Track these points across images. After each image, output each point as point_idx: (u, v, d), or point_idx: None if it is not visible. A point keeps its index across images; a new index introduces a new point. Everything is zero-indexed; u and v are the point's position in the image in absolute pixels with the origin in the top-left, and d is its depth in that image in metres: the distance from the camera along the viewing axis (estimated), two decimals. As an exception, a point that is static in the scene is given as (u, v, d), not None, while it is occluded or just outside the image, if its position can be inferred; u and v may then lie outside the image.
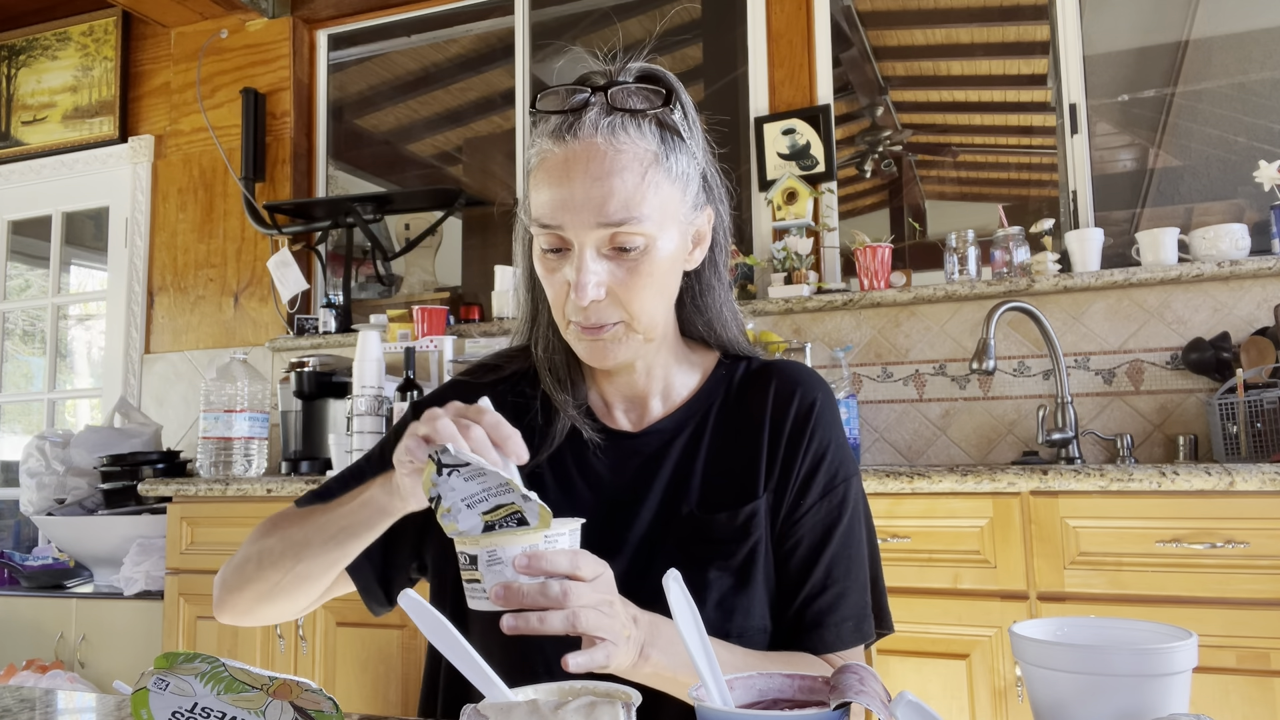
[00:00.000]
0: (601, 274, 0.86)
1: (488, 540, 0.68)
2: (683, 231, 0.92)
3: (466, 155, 3.51)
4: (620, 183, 0.85)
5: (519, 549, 0.68)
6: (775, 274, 2.66)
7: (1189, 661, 0.60)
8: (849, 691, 0.54)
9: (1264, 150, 2.43)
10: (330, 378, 2.86)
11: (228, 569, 0.98)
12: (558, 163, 0.86)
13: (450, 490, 0.69)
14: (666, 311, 0.95)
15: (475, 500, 0.69)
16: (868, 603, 0.96)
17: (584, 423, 0.97)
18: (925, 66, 3.00)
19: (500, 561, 0.68)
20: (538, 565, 0.69)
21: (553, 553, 0.69)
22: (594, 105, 0.86)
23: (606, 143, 0.85)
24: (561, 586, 0.69)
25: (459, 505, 0.69)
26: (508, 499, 0.68)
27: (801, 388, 0.99)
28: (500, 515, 0.68)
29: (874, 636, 0.96)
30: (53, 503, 2.95)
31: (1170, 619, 1.23)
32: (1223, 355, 2.22)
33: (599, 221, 0.85)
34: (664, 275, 0.90)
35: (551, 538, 0.69)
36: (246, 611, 0.97)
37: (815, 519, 0.95)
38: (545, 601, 0.68)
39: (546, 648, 0.92)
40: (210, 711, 0.58)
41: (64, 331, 3.95)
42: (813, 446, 0.96)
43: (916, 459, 2.54)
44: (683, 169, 0.91)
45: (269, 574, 0.93)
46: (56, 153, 3.73)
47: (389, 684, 2.27)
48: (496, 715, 0.57)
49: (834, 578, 0.94)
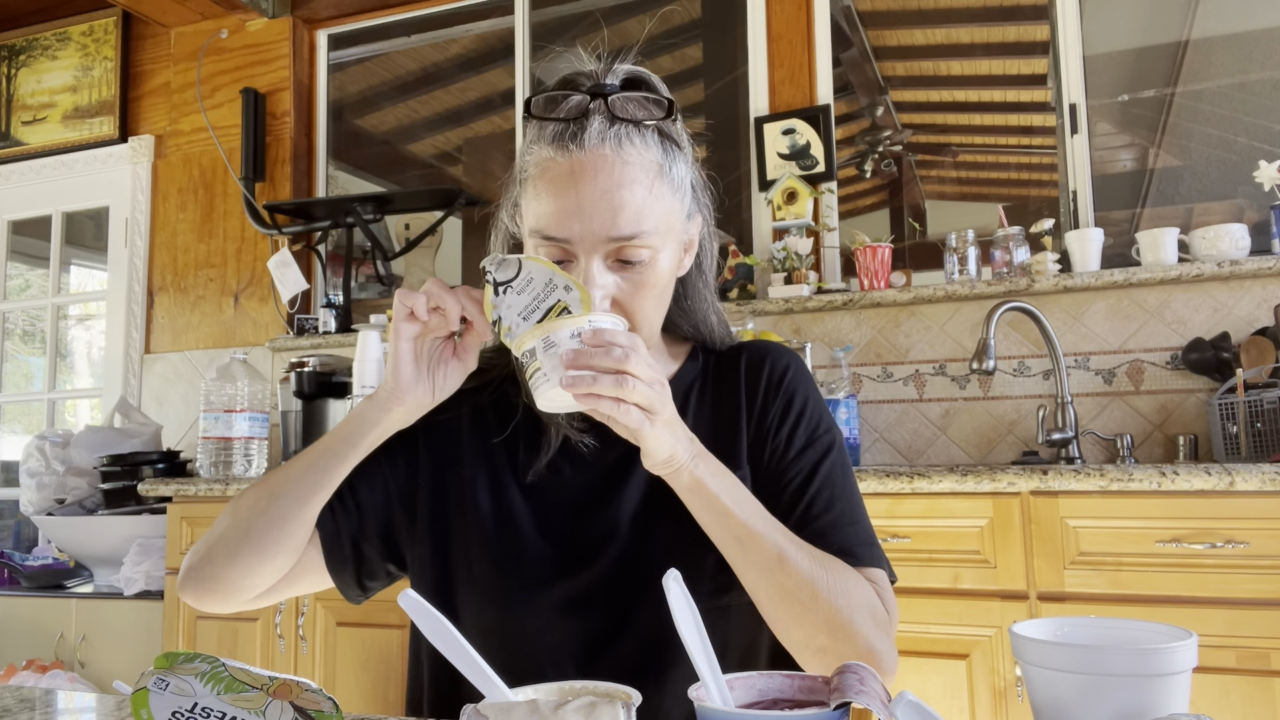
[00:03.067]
0: (609, 286, 0.87)
1: (541, 329, 0.75)
2: (680, 240, 0.94)
3: (466, 155, 3.51)
4: (630, 195, 0.85)
5: (568, 331, 0.75)
6: (775, 274, 2.66)
7: (1189, 661, 0.60)
8: (849, 691, 0.54)
9: (1264, 150, 2.43)
10: (330, 378, 2.86)
11: (196, 545, 0.95)
12: (562, 173, 0.86)
13: (507, 308, 0.77)
14: (662, 314, 0.96)
15: (529, 312, 0.76)
16: (872, 534, 0.94)
17: (572, 429, 0.97)
18: (925, 66, 3.00)
19: (554, 345, 0.75)
20: (601, 338, 0.74)
21: (614, 330, 0.76)
22: (595, 114, 0.86)
23: (614, 154, 0.85)
24: (624, 350, 0.74)
25: (516, 321, 0.76)
26: (553, 299, 0.75)
27: (770, 356, 1.01)
28: (553, 316, 0.76)
29: (886, 566, 0.92)
30: (53, 503, 2.95)
31: (1170, 619, 1.23)
32: (1223, 355, 2.22)
33: (609, 235, 0.85)
34: (665, 285, 0.92)
35: (596, 320, 0.75)
36: (212, 578, 0.91)
37: (805, 462, 0.95)
38: (609, 362, 0.73)
39: (547, 647, 0.93)
40: (210, 711, 0.59)
41: (64, 331, 3.95)
42: (791, 406, 0.97)
43: (916, 459, 2.54)
44: (681, 177, 0.91)
45: (242, 522, 0.90)
46: (56, 153, 3.73)
47: (389, 684, 2.27)
48: (496, 715, 0.57)
49: (828, 503, 0.92)
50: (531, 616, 0.93)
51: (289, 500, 0.89)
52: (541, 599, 0.93)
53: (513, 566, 0.94)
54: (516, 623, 0.93)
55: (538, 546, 0.94)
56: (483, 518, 0.96)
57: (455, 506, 0.98)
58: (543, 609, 0.93)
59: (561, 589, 0.93)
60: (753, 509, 0.85)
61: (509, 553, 0.94)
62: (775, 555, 0.83)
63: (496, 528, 0.96)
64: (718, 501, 0.82)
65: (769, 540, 0.83)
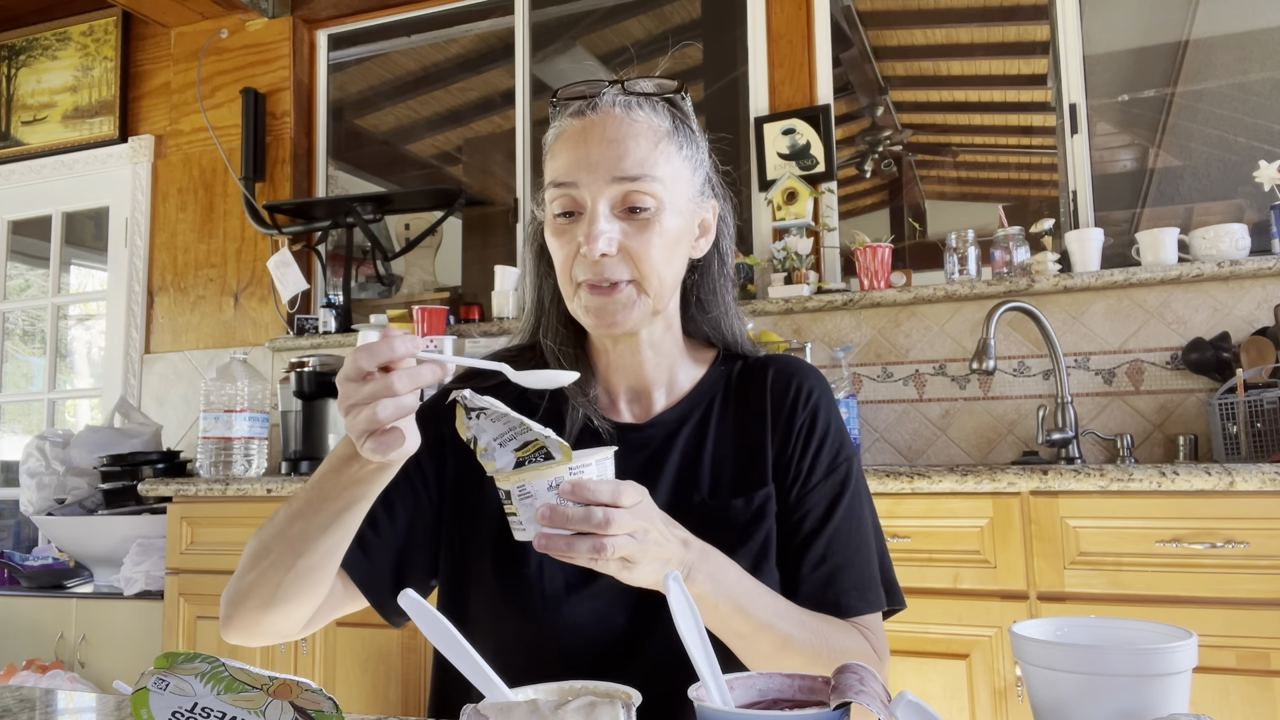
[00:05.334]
0: (613, 231, 0.90)
1: (518, 476, 0.73)
2: (691, 212, 0.96)
3: (466, 155, 3.51)
4: (635, 144, 0.90)
5: (544, 482, 0.72)
6: (775, 274, 2.66)
7: (1189, 661, 0.60)
8: (849, 691, 0.54)
9: (1264, 150, 2.43)
10: (330, 378, 2.86)
11: (231, 585, 0.94)
12: (576, 131, 0.92)
13: (482, 431, 0.73)
14: (673, 290, 0.97)
15: (506, 439, 0.73)
16: (874, 574, 0.97)
17: (594, 412, 0.98)
18: (925, 66, 3.00)
19: (530, 495, 0.72)
20: (581, 494, 0.72)
21: (596, 482, 0.73)
22: (610, 90, 0.93)
23: (624, 114, 0.92)
24: (605, 514, 0.71)
25: (493, 445, 0.73)
26: (532, 435, 0.72)
27: (797, 377, 1.02)
28: (529, 451, 0.72)
29: (884, 607, 0.97)
30: (53, 503, 2.95)
31: (1170, 619, 1.23)
32: (1223, 355, 2.22)
33: (614, 175, 0.89)
34: (673, 243, 0.93)
35: (576, 469, 0.73)
36: (253, 624, 0.92)
37: (819, 497, 0.97)
38: (589, 526, 0.71)
39: (566, 660, 0.93)
40: (210, 711, 0.58)
41: (64, 331, 3.95)
42: (815, 431, 0.99)
43: (916, 459, 2.54)
44: (693, 155, 0.96)
45: (271, 576, 0.89)
46: (56, 153, 3.73)
47: (389, 684, 2.27)
48: (496, 715, 0.57)
49: (833, 549, 0.95)
50: (549, 630, 0.92)
51: (320, 554, 0.86)
52: (559, 612, 0.92)
53: (530, 579, 0.93)
54: (534, 636, 0.92)
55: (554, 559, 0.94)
56: (500, 527, 0.95)
57: (473, 514, 0.98)
58: (561, 622, 0.92)
59: (579, 601, 0.92)
60: (756, 602, 0.85)
61: (526, 564, 0.93)
62: (780, 643, 0.85)
63: (513, 538, 0.95)
64: (718, 610, 0.83)
65: (773, 630, 0.85)
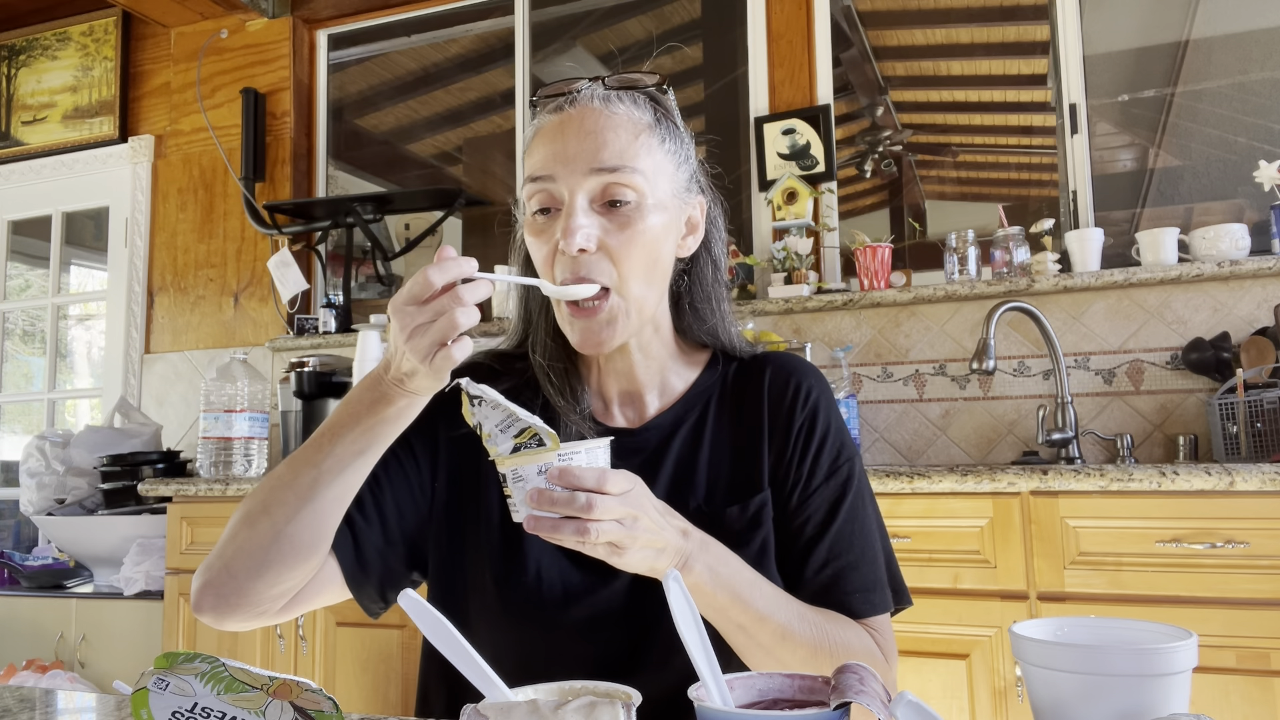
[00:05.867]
0: (592, 227, 0.86)
1: (513, 460, 0.76)
2: (676, 208, 0.93)
3: (466, 155, 3.50)
4: (614, 136, 0.88)
5: (534, 467, 0.75)
6: (775, 274, 2.66)
7: (1189, 661, 0.60)
8: (849, 691, 0.54)
9: (1264, 150, 2.43)
10: (330, 378, 2.86)
11: (213, 555, 0.86)
12: (553, 125, 0.90)
13: (485, 418, 0.76)
14: (659, 292, 0.94)
15: (506, 425, 0.76)
16: (879, 576, 0.95)
17: (588, 427, 0.96)
18: (925, 66, 2.99)
19: (522, 479, 0.76)
20: (567, 479, 0.74)
21: (582, 469, 0.75)
22: (590, 85, 0.91)
23: (603, 106, 0.89)
24: (588, 499, 0.73)
25: (495, 431, 0.76)
26: (525, 424, 0.75)
27: (795, 376, 0.99)
28: (526, 438, 0.76)
29: (891, 608, 0.95)
30: (53, 503, 2.95)
31: (1170, 619, 1.23)
32: (1223, 355, 2.22)
33: (592, 167, 0.86)
34: (655, 241, 0.90)
35: (565, 455, 0.75)
36: (234, 593, 0.84)
37: (821, 499, 0.95)
38: (573, 510, 0.73)
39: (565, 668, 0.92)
40: (210, 711, 0.58)
41: (64, 331, 3.95)
42: (814, 432, 0.97)
43: (916, 459, 2.54)
44: (677, 149, 0.93)
45: (271, 529, 0.83)
46: (56, 153, 3.73)
47: (389, 684, 2.27)
48: (496, 715, 0.57)
49: (836, 551, 0.93)
50: (548, 637, 0.91)
51: (327, 502, 0.83)
52: (558, 619, 0.91)
53: (529, 585, 0.91)
54: (532, 642, 0.91)
55: (554, 565, 0.92)
56: (497, 532, 0.94)
57: (470, 517, 0.96)
58: (560, 629, 0.91)
59: (579, 609, 0.91)
60: (754, 592, 0.84)
61: (525, 570, 0.92)
62: (779, 634, 0.84)
63: (511, 543, 0.93)
64: (716, 599, 0.82)
65: (772, 621, 0.84)
